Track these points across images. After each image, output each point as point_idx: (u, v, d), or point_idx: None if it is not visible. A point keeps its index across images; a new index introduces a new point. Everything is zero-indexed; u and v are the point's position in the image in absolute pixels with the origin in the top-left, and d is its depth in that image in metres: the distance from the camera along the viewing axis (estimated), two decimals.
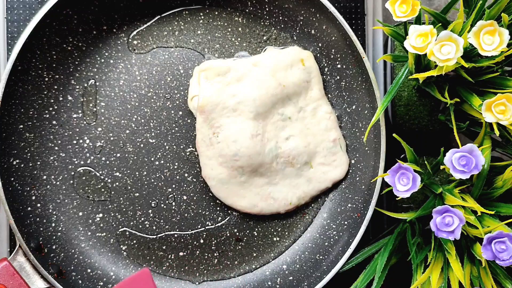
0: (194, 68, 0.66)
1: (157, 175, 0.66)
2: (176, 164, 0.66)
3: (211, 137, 0.63)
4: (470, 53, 0.54)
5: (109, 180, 0.66)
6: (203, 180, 0.66)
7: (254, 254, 0.67)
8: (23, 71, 0.61)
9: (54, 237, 0.64)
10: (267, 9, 0.67)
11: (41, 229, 0.63)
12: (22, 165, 0.63)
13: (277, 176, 0.65)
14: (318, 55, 0.67)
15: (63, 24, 0.63)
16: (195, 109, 0.64)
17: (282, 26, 0.67)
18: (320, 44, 0.66)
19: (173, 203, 0.66)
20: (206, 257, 0.66)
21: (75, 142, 0.65)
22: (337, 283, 0.63)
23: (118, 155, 0.66)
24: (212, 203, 0.66)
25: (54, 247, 0.63)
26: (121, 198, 0.66)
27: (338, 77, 0.66)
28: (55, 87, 0.65)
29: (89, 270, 0.64)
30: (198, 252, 0.66)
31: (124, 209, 0.66)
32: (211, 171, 0.63)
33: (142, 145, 0.66)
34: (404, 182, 0.53)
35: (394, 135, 0.56)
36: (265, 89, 0.63)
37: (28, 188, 0.63)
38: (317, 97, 0.65)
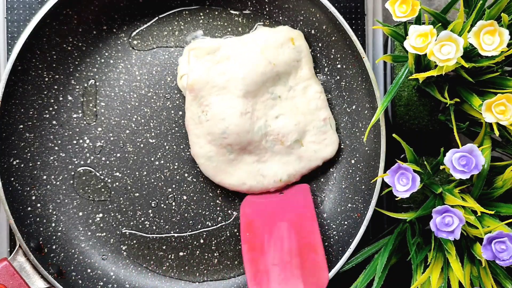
0: (184, 47, 0.66)
1: (157, 175, 0.66)
2: (176, 164, 0.66)
3: (200, 115, 0.63)
4: (470, 53, 0.53)
5: (109, 180, 0.66)
6: (203, 180, 0.66)
7: None
8: (23, 71, 0.61)
9: (54, 237, 0.64)
10: (267, 9, 0.67)
11: (41, 229, 0.63)
12: (22, 165, 0.63)
13: (266, 154, 0.64)
14: (318, 55, 0.67)
15: (63, 24, 0.63)
16: (184, 87, 0.64)
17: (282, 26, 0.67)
18: (320, 44, 0.66)
19: (173, 203, 0.66)
20: (206, 257, 0.66)
21: (75, 142, 0.65)
22: (337, 283, 0.63)
23: (118, 155, 0.66)
24: (212, 203, 0.66)
25: (54, 247, 0.63)
26: (121, 198, 0.66)
27: (338, 77, 0.66)
28: (55, 87, 0.65)
29: (89, 270, 0.64)
30: (198, 252, 0.66)
31: (124, 209, 0.66)
32: (200, 149, 0.63)
33: (142, 145, 0.66)
34: (404, 182, 0.53)
35: (394, 135, 0.56)
36: (255, 67, 0.62)
37: (28, 188, 0.63)
38: (307, 77, 0.65)
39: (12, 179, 0.61)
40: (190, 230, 0.66)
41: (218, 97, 0.62)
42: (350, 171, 0.67)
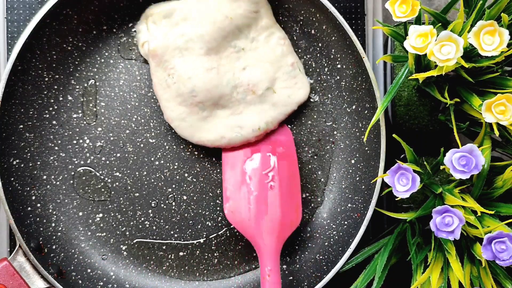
0: (141, 15, 0.66)
1: (157, 175, 0.66)
2: (176, 164, 0.66)
3: (167, 79, 0.63)
4: (470, 53, 0.54)
5: (109, 180, 0.66)
6: (203, 180, 0.66)
7: (254, 254, 0.67)
8: (23, 71, 0.61)
9: (54, 237, 0.64)
10: None
11: (41, 229, 0.63)
12: (22, 165, 0.63)
13: (240, 106, 0.64)
14: (318, 55, 0.67)
15: (63, 24, 0.63)
16: (147, 55, 0.64)
17: (282, 26, 0.67)
18: (320, 44, 0.66)
19: (173, 203, 0.66)
20: (206, 257, 0.66)
21: (75, 142, 0.65)
22: (337, 283, 0.63)
23: (118, 155, 0.66)
24: (212, 203, 0.66)
25: (54, 247, 0.63)
26: (121, 198, 0.66)
27: (338, 77, 0.66)
28: (55, 87, 0.65)
29: (89, 270, 0.64)
30: (198, 252, 0.66)
31: (124, 209, 0.66)
32: (172, 113, 0.63)
33: (142, 145, 0.66)
34: (404, 183, 0.53)
35: (394, 135, 0.56)
36: (212, 24, 0.62)
37: (28, 188, 0.63)
38: (268, 26, 0.65)
39: (12, 179, 0.61)
40: (190, 230, 0.66)
41: (181, 58, 0.62)
42: (350, 171, 0.67)
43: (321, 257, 0.65)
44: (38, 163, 0.64)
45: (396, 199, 0.54)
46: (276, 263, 0.61)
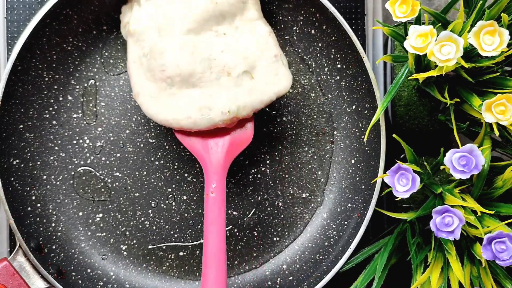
0: None
1: (157, 175, 0.66)
2: (176, 164, 0.66)
3: (141, 56, 0.60)
4: (470, 53, 0.54)
5: (109, 180, 0.66)
6: (203, 180, 0.66)
7: (254, 254, 0.67)
8: (23, 71, 0.61)
9: (54, 237, 0.64)
10: (267, 9, 0.67)
11: (41, 229, 0.63)
12: (22, 165, 0.63)
13: (212, 88, 0.60)
14: (318, 55, 0.67)
15: (63, 24, 0.63)
16: (127, 35, 0.62)
17: (282, 26, 0.67)
18: (320, 44, 0.66)
19: (173, 203, 0.66)
20: None
21: (75, 142, 0.65)
22: (337, 283, 0.63)
23: (118, 155, 0.66)
24: None
25: (54, 247, 0.63)
26: (121, 198, 0.66)
27: (338, 77, 0.66)
28: (55, 87, 0.65)
29: (89, 270, 0.65)
30: (198, 252, 0.66)
31: (124, 209, 0.66)
32: (141, 89, 0.60)
33: (142, 145, 0.66)
34: (404, 183, 0.53)
35: (394, 135, 0.56)
36: (195, 6, 0.60)
37: (28, 188, 0.63)
38: (254, 18, 0.63)
39: (12, 179, 0.61)
40: (190, 230, 0.66)
41: (159, 38, 0.60)
42: (350, 171, 0.67)
43: (321, 257, 0.65)
44: (38, 163, 0.64)
45: (396, 199, 0.54)
46: (222, 180, 0.58)
